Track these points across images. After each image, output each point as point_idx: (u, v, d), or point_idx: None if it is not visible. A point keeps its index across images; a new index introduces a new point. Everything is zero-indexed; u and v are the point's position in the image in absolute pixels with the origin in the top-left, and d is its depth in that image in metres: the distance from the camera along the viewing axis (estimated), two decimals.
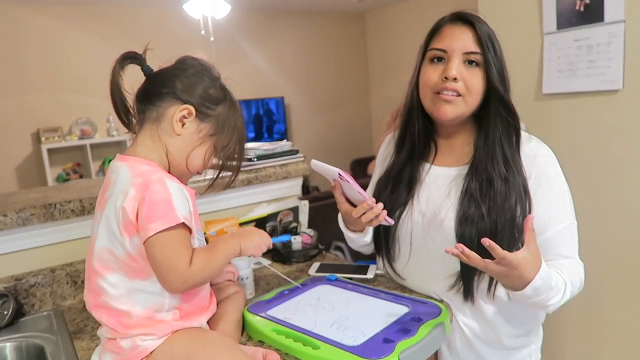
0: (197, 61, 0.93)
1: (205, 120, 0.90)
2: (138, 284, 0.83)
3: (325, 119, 6.18)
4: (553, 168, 1.06)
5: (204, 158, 0.92)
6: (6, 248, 1.27)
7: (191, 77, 0.90)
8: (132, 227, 0.80)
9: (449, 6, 1.12)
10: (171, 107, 0.88)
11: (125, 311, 0.83)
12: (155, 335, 0.83)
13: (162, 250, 0.80)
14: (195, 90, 0.89)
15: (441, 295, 1.11)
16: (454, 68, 1.02)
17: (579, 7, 1.71)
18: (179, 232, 0.81)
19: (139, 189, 0.80)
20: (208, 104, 0.90)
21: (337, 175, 1.04)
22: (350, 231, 1.19)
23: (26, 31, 4.34)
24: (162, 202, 0.80)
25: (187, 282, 0.83)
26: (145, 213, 0.79)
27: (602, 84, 1.70)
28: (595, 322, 1.87)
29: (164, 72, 0.91)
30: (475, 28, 1.03)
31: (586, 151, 1.79)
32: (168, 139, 0.89)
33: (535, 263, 0.89)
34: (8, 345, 1.12)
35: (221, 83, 0.95)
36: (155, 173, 0.83)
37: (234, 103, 0.95)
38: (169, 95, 0.88)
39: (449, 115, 1.05)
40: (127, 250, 0.82)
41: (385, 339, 0.90)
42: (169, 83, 0.89)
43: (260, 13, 5.58)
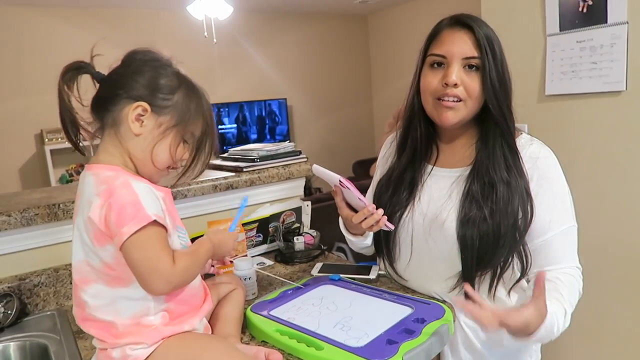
0: (142, 54, 0.88)
1: (163, 112, 0.85)
2: (120, 291, 0.81)
3: (327, 121, 6.19)
4: (554, 170, 1.06)
5: (169, 152, 0.87)
6: (10, 248, 1.27)
7: (137, 72, 0.85)
8: (103, 236, 0.78)
9: (452, 8, 1.12)
10: (125, 109, 0.84)
11: (111, 321, 0.81)
12: (145, 343, 0.80)
13: (139, 251, 0.77)
14: (144, 85, 0.85)
15: (443, 296, 1.11)
16: (454, 74, 1.01)
17: (581, 8, 1.71)
18: (154, 231, 0.79)
19: (103, 196, 0.78)
20: (162, 95, 0.85)
21: (337, 181, 1.04)
22: (351, 234, 1.20)
23: (30, 32, 4.36)
24: (129, 204, 0.77)
25: (171, 283, 0.80)
26: (115, 219, 0.76)
27: (605, 85, 1.70)
28: (596, 323, 1.87)
29: (112, 74, 0.87)
30: (474, 32, 1.02)
31: (589, 153, 1.79)
32: (129, 142, 0.85)
33: (540, 317, 0.90)
34: (12, 345, 1.13)
35: (173, 70, 0.89)
36: (119, 177, 0.81)
37: (192, 87, 0.90)
38: (120, 97, 0.84)
39: (451, 121, 1.05)
40: (102, 260, 0.80)
41: (389, 340, 0.90)
42: (117, 84, 0.85)
43: (262, 15, 5.59)
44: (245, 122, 5.59)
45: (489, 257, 1.02)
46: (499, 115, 1.03)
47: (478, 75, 1.02)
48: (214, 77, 5.31)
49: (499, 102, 1.02)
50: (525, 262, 1.04)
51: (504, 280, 1.07)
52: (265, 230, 1.58)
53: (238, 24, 5.26)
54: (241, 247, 1.36)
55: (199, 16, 4.17)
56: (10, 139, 4.41)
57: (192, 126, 0.88)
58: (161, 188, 0.87)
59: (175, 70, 0.89)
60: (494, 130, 1.05)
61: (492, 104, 1.03)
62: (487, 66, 1.00)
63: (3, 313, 1.18)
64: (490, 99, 1.02)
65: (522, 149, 1.06)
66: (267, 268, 1.45)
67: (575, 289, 1.02)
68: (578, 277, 1.05)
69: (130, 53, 0.88)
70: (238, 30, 5.35)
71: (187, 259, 0.84)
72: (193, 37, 4.72)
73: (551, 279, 1.02)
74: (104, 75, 0.87)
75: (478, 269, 1.04)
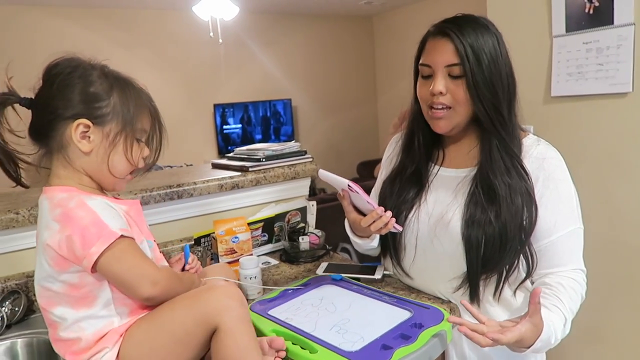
0: (60, 67, 0.82)
1: (106, 121, 0.81)
2: (85, 312, 0.80)
3: (332, 122, 6.19)
4: (561, 172, 1.06)
5: (125, 158, 0.84)
6: (18, 245, 1.28)
7: (63, 88, 0.80)
8: (63, 261, 0.77)
9: (458, 9, 1.12)
10: (66, 131, 0.80)
11: (75, 338, 0.80)
12: (107, 347, 0.80)
13: (119, 263, 0.77)
14: (76, 100, 0.80)
15: (448, 296, 1.12)
16: (438, 83, 1.02)
17: (588, 9, 1.71)
18: (126, 243, 0.78)
19: (60, 221, 0.76)
20: (97, 104, 0.81)
21: (346, 185, 1.04)
22: (357, 237, 1.20)
23: (37, 33, 4.38)
24: (91, 225, 0.75)
25: (158, 284, 0.80)
26: (80, 242, 0.74)
27: (611, 87, 1.70)
28: (601, 324, 1.86)
29: (39, 97, 0.82)
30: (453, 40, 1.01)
31: (595, 154, 1.79)
32: (82, 161, 0.82)
33: (536, 331, 0.90)
34: (19, 342, 1.13)
35: (99, 72, 0.83)
36: (72, 198, 0.78)
37: (123, 81, 0.85)
38: (56, 120, 0.80)
39: (444, 130, 1.06)
40: (65, 282, 0.79)
41: (384, 345, 0.90)
42: (48, 108, 0.80)
43: (268, 15, 5.60)
44: (250, 122, 5.60)
45: (495, 261, 1.02)
46: (486, 119, 1.03)
47: (462, 82, 1.01)
48: (219, 77, 5.33)
49: (485, 108, 1.01)
50: (531, 263, 1.04)
51: (510, 281, 1.07)
52: (270, 229, 1.59)
53: (244, 25, 5.28)
54: (247, 246, 1.37)
55: (205, 16, 4.19)
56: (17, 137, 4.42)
57: (139, 122, 0.85)
58: (126, 201, 0.86)
59: (100, 71, 0.84)
60: (488, 134, 1.05)
61: (478, 110, 1.02)
62: (470, 73, 0.99)
63: (11, 310, 1.19)
64: (475, 104, 1.02)
65: (529, 150, 1.06)
66: (272, 267, 1.46)
67: (577, 294, 1.02)
68: (582, 281, 1.04)
69: (48, 69, 0.83)
70: (244, 31, 5.37)
71: (170, 272, 0.86)
72: (199, 37, 4.74)
73: (552, 284, 1.01)
74: (31, 98, 0.83)
75: (484, 271, 1.04)
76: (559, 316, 0.96)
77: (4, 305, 1.18)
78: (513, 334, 0.87)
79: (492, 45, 1.01)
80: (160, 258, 0.92)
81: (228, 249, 1.34)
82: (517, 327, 0.88)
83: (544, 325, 0.91)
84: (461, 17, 1.05)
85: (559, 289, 1.00)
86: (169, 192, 1.45)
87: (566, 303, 0.99)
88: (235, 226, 1.35)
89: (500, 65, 1.02)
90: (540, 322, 0.91)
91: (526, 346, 0.91)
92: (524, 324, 0.89)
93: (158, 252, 0.92)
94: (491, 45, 1.01)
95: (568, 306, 0.99)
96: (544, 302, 0.98)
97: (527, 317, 0.89)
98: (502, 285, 1.05)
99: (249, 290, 1.20)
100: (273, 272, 1.41)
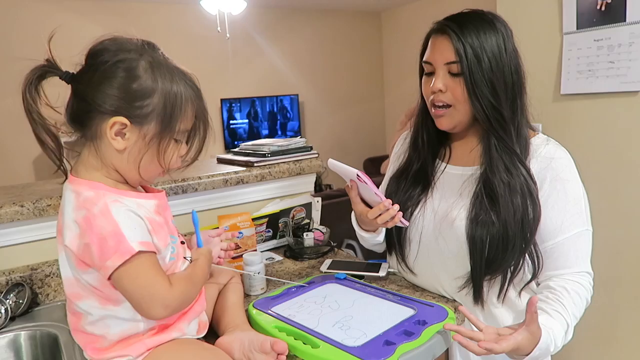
0: (108, 53, 0.76)
1: (146, 121, 0.76)
2: (111, 310, 0.79)
3: (339, 118, 6.18)
4: (569, 172, 1.04)
5: (158, 161, 0.79)
6: (22, 238, 1.28)
7: (106, 79, 0.75)
8: (82, 264, 0.76)
9: (467, 5, 1.11)
10: (101, 125, 0.76)
11: (100, 335, 0.80)
12: (130, 356, 0.79)
13: (131, 281, 0.74)
14: (117, 95, 0.75)
15: (452, 294, 1.11)
16: (437, 80, 1.02)
17: (600, 6, 1.68)
18: (142, 259, 0.75)
19: (82, 226, 0.73)
20: (139, 102, 0.75)
21: (355, 176, 1.03)
22: (363, 231, 1.19)
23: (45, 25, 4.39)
24: (110, 237, 0.72)
25: (169, 307, 0.77)
26: (97, 253, 0.72)
27: (622, 85, 1.67)
28: (607, 325, 1.84)
29: (80, 79, 0.77)
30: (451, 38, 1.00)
31: (604, 153, 1.76)
32: (113, 157, 0.78)
33: (533, 340, 0.89)
34: (23, 334, 1.14)
35: (144, 64, 0.77)
36: (99, 201, 0.74)
37: (171, 77, 0.78)
38: (94, 112, 0.76)
39: (446, 127, 1.07)
40: (88, 282, 0.78)
41: (386, 341, 0.89)
42: (87, 97, 0.76)
43: (275, 10, 5.58)
44: (257, 117, 5.59)
45: (498, 261, 1.01)
46: (484, 119, 1.02)
47: (460, 80, 1.01)
48: (226, 72, 5.32)
49: (483, 107, 1.00)
50: (536, 264, 1.03)
51: (515, 282, 1.05)
52: (275, 225, 1.58)
53: (251, 19, 5.27)
54: (251, 241, 1.36)
55: (213, 11, 4.18)
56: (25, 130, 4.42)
57: (181, 123, 0.80)
58: (155, 194, 0.83)
59: (149, 62, 0.77)
60: (487, 134, 1.04)
61: (476, 109, 1.01)
62: (467, 71, 0.99)
63: (15, 302, 1.19)
64: (473, 103, 1.01)
65: (537, 149, 1.05)
66: (276, 263, 1.45)
67: (582, 298, 1.00)
68: (587, 285, 1.02)
69: (94, 52, 0.77)
70: (251, 26, 5.36)
71: (184, 283, 0.81)
72: (206, 32, 4.74)
73: (556, 288, 1.00)
74: (73, 74, 0.78)
75: (488, 272, 1.03)
76: (560, 322, 0.95)
77: (8, 297, 1.18)
78: (508, 343, 0.86)
79: (495, 42, 1.00)
80: (182, 253, 0.89)
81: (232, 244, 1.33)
82: (512, 336, 0.87)
83: (541, 334, 0.89)
84: (465, 13, 1.04)
85: (563, 293, 0.99)
86: (173, 186, 1.45)
87: (569, 309, 0.97)
88: (240, 221, 1.35)
89: (503, 63, 1.00)
90: (538, 331, 0.89)
91: (523, 354, 0.90)
92: (521, 333, 0.87)
93: (181, 247, 0.88)
94: (494, 42, 1.00)
95: (571, 312, 0.97)
96: (546, 308, 0.97)
97: (524, 326, 0.88)
98: (507, 286, 1.04)
99: (252, 285, 1.20)
100: (277, 268, 1.41)
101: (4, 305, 1.15)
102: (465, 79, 0.99)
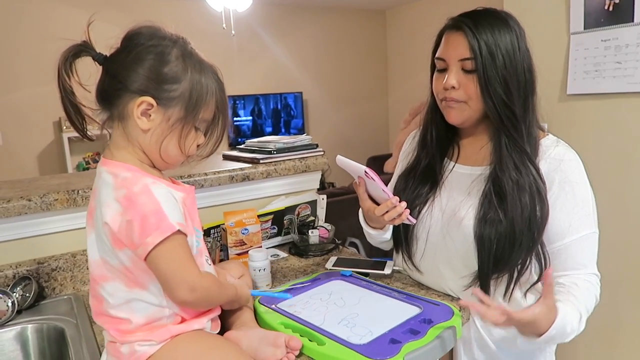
0: (143, 37, 0.80)
1: (171, 105, 0.80)
2: (137, 293, 0.81)
3: (343, 115, 6.17)
4: (578, 174, 1.04)
5: (179, 145, 0.83)
6: (30, 232, 1.29)
7: (138, 61, 0.78)
8: (119, 242, 0.77)
9: (473, 4, 1.11)
10: (129, 104, 0.79)
11: (126, 318, 0.81)
12: (154, 340, 0.81)
13: (167, 261, 0.76)
14: (148, 76, 0.78)
15: (458, 293, 1.11)
16: (451, 77, 1.02)
17: (608, 6, 1.68)
18: (179, 241, 0.78)
19: (123, 204, 0.76)
20: (167, 86, 0.79)
21: (363, 172, 1.03)
22: (370, 228, 1.19)
23: (50, 21, 4.40)
24: (152, 214, 0.75)
25: (195, 292, 0.79)
26: (138, 229, 0.74)
27: (629, 85, 1.67)
28: (614, 328, 1.84)
29: (113, 60, 0.81)
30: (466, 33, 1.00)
31: (610, 154, 1.76)
32: (139, 137, 0.81)
33: (550, 315, 0.89)
34: (29, 327, 1.15)
35: (177, 51, 0.81)
36: (138, 182, 0.78)
37: (200, 68, 0.83)
38: (123, 91, 0.79)
39: (456, 120, 1.06)
40: (121, 262, 0.79)
41: (392, 339, 0.89)
42: (118, 76, 0.79)
43: (281, 7, 5.58)
44: (261, 114, 5.59)
45: (505, 259, 1.01)
46: (495, 117, 1.02)
47: (474, 77, 1.01)
48: (231, 69, 5.32)
49: (495, 105, 1.00)
50: (543, 265, 1.03)
51: (521, 282, 1.05)
52: (280, 222, 1.59)
53: (256, 16, 5.26)
54: (256, 238, 1.36)
55: (218, 8, 4.18)
56: (30, 125, 4.46)
57: (203, 112, 0.83)
58: (183, 187, 0.85)
59: (181, 51, 0.82)
60: (498, 132, 1.04)
61: (489, 107, 1.01)
62: (482, 68, 0.99)
63: (22, 296, 1.20)
64: (485, 101, 1.01)
65: (547, 150, 1.05)
66: (281, 260, 1.46)
67: (591, 294, 1.01)
68: (596, 284, 1.03)
69: (130, 35, 0.81)
70: (256, 23, 5.35)
71: (213, 282, 0.86)
72: (211, 29, 4.73)
73: (567, 283, 1.00)
74: (106, 56, 0.82)
75: (495, 270, 1.03)
76: (573, 310, 0.94)
77: (15, 291, 1.19)
78: (527, 313, 0.85)
79: (510, 40, 1.00)
80: (204, 251, 0.90)
81: (237, 240, 1.34)
82: (531, 308, 0.86)
83: (558, 312, 0.89)
84: (480, 11, 1.04)
85: (573, 287, 0.99)
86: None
87: (581, 300, 0.97)
88: (245, 218, 1.35)
89: (517, 61, 1.01)
90: (554, 307, 0.89)
91: (540, 332, 0.89)
92: (538, 306, 0.87)
93: (203, 244, 0.91)
94: (508, 40, 1.00)
95: (583, 303, 0.97)
96: (558, 297, 0.96)
97: (541, 299, 0.88)
98: (513, 286, 1.04)
99: (258, 281, 1.20)
100: (282, 265, 1.41)
101: (11, 299, 1.16)
102: (479, 76, 0.99)
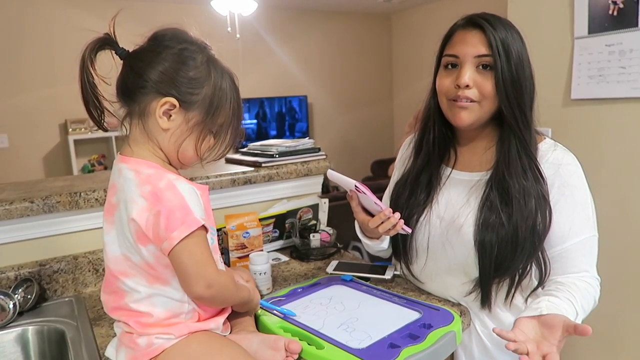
0: (171, 39, 0.82)
1: (192, 108, 0.82)
2: (158, 288, 0.82)
3: (347, 119, 6.18)
4: (577, 178, 1.04)
5: (195, 147, 0.85)
6: (32, 234, 1.29)
7: (167, 62, 0.80)
8: (144, 238, 0.78)
9: (478, 8, 1.10)
10: (152, 102, 0.81)
11: (146, 312, 0.82)
12: (173, 335, 0.82)
13: (190, 255, 0.78)
14: (174, 78, 0.80)
15: (459, 300, 1.10)
16: (466, 75, 1.00)
17: (612, 11, 1.67)
18: (202, 236, 0.80)
19: (150, 199, 0.77)
20: (191, 89, 0.81)
21: (353, 186, 1.03)
22: (367, 238, 1.19)
23: (55, 24, 4.44)
24: (178, 209, 0.77)
25: (211, 288, 0.80)
26: (165, 224, 0.76)
27: (633, 91, 1.66)
28: (613, 330, 1.83)
29: (138, 57, 0.82)
30: (485, 31, 1.00)
31: (614, 159, 1.75)
32: (158, 135, 0.83)
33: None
34: (30, 329, 1.15)
35: (202, 57, 0.84)
36: (162, 178, 0.79)
37: (221, 75, 0.86)
38: (147, 89, 0.80)
39: (466, 122, 1.04)
40: (143, 258, 0.80)
41: (391, 344, 0.89)
42: (143, 74, 0.80)
43: (286, 11, 5.60)
44: (265, 118, 5.61)
45: (507, 264, 1.00)
46: (511, 117, 1.01)
47: (491, 75, 1.00)
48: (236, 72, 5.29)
49: (510, 105, 1.00)
50: (543, 270, 1.02)
51: (522, 287, 1.05)
52: (281, 226, 1.59)
53: (261, 20, 5.28)
54: (257, 242, 1.36)
55: (223, 11, 4.20)
56: (36, 128, 4.50)
57: (219, 118, 0.86)
58: (200, 186, 0.86)
59: (206, 57, 0.85)
60: (509, 133, 1.03)
61: (505, 106, 1.01)
62: (500, 65, 0.98)
63: (23, 297, 1.20)
64: (502, 100, 1.00)
65: (545, 154, 1.04)
66: (283, 264, 1.46)
67: (590, 295, 1.00)
68: (595, 287, 1.02)
69: (159, 35, 0.83)
70: (261, 26, 5.38)
71: (230, 280, 0.87)
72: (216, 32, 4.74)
73: (567, 283, 1.00)
74: (129, 51, 0.83)
75: (496, 275, 1.02)
76: (570, 307, 0.93)
77: (16, 292, 1.19)
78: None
79: (520, 43, 1.02)
80: (217, 249, 0.92)
81: (239, 244, 1.34)
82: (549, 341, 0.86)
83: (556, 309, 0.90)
84: (491, 14, 1.04)
85: (572, 287, 0.98)
86: None
87: (579, 299, 0.96)
88: (247, 221, 1.35)
89: (526, 65, 1.02)
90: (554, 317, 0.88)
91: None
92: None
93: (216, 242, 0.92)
94: (520, 44, 1.01)
95: (580, 303, 0.96)
96: (556, 294, 0.96)
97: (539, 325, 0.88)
98: (514, 291, 1.04)
99: (259, 285, 1.20)
100: (283, 269, 1.41)
101: (13, 300, 1.16)
102: (497, 73, 0.99)
